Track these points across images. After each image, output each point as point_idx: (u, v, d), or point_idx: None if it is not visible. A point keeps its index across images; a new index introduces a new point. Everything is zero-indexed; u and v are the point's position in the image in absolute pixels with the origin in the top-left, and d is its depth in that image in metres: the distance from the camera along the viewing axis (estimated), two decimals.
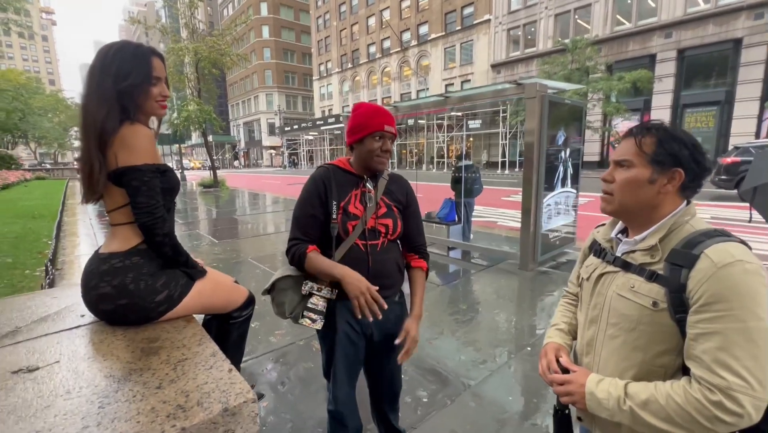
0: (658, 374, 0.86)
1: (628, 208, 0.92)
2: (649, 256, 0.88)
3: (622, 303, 0.90)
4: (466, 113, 27.23)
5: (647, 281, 0.86)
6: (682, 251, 0.81)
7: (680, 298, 0.79)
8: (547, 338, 1.13)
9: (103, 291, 1.09)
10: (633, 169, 0.88)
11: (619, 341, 0.91)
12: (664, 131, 0.87)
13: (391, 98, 36.69)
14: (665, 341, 0.84)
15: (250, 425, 0.82)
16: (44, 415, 0.76)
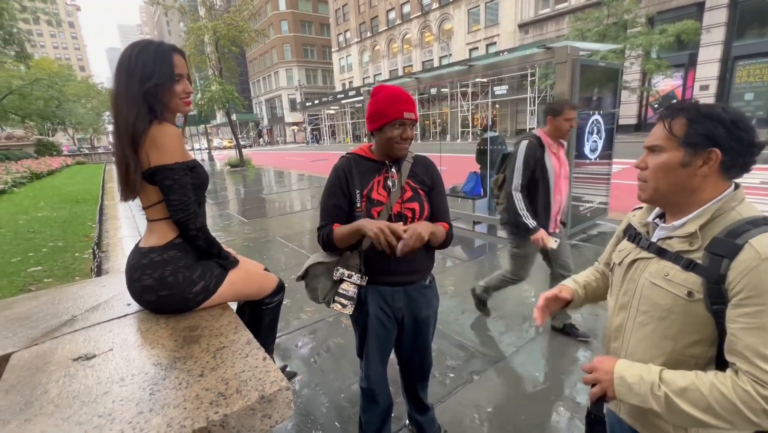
0: (688, 364, 0.84)
1: (663, 195, 0.88)
2: (687, 243, 0.83)
3: (655, 291, 0.88)
4: (491, 79, 26.04)
5: (683, 269, 0.82)
6: (725, 240, 0.76)
7: (718, 289, 0.76)
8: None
9: (146, 283, 1.17)
10: (664, 153, 0.84)
11: (648, 329, 0.90)
12: (695, 111, 0.81)
13: (413, 67, 35.53)
14: (697, 332, 0.82)
15: (285, 410, 0.87)
16: (103, 400, 0.84)
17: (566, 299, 1.15)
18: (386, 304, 1.53)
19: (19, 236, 5.18)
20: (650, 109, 20.91)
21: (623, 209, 6.16)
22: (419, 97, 31.86)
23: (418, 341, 1.68)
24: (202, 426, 0.76)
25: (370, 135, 1.52)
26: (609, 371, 0.86)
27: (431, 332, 1.71)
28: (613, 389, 0.84)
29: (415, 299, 1.56)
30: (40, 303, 1.40)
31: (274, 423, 0.86)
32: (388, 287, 1.51)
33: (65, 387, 0.89)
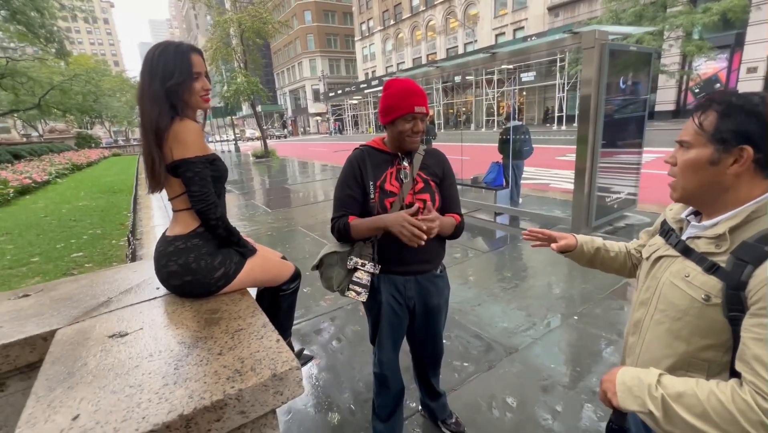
0: (700, 367, 0.82)
1: (693, 194, 0.84)
2: (714, 245, 0.80)
3: (673, 291, 0.86)
4: (518, 66, 25.21)
5: (705, 272, 0.79)
6: (754, 246, 0.72)
7: (738, 296, 0.72)
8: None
9: (171, 269, 1.26)
10: (692, 150, 0.80)
11: (663, 328, 0.88)
12: (727, 104, 0.75)
13: (436, 54, 34.87)
14: (711, 336, 0.79)
15: (295, 388, 0.94)
16: (134, 373, 0.93)
17: (566, 246, 1.21)
18: (398, 292, 1.57)
19: (62, 224, 5.55)
20: (690, 94, 19.69)
21: (654, 201, 5.92)
22: (443, 86, 31.33)
23: (429, 329, 1.72)
24: (220, 399, 0.83)
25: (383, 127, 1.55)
26: (612, 380, 0.84)
27: (443, 321, 1.75)
28: (616, 396, 0.82)
29: (426, 287, 1.60)
30: (80, 285, 1.53)
31: (285, 399, 0.93)
32: (400, 276, 1.56)
33: (102, 360, 0.99)
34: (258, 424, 0.95)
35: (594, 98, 4.27)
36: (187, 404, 0.81)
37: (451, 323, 2.97)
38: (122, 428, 0.76)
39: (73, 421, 0.79)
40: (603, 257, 1.20)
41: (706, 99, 0.80)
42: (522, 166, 6.18)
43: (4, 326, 1.22)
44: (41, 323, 1.22)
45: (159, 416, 0.79)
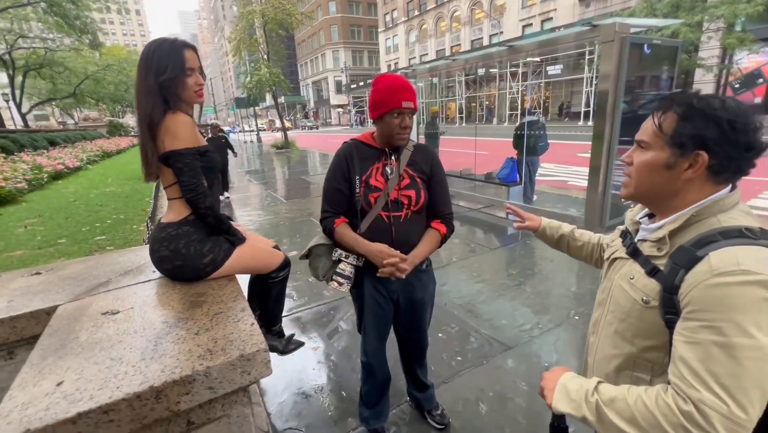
0: (644, 367, 0.84)
1: (644, 195, 0.84)
2: (656, 249, 0.80)
3: (621, 293, 0.87)
4: (544, 58, 24.46)
5: (647, 275, 0.80)
6: (689, 250, 0.72)
7: (671, 300, 0.73)
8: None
9: (163, 254, 1.34)
10: (649, 151, 0.78)
11: (612, 329, 0.91)
12: (688, 106, 0.73)
13: (460, 46, 34.24)
14: (652, 338, 0.81)
15: (263, 369, 1.00)
16: (118, 347, 1.02)
17: (529, 227, 1.31)
18: (382, 285, 1.61)
19: (89, 209, 5.86)
20: (729, 89, 18.63)
21: None
22: (466, 78, 30.80)
23: (413, 323, 1.75)
24: (188, 374, 0.90)
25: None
26: (555, 379, 0.85)
27: (427, 315, 1.77)
28: (552, 396, 0.82)
29: (410, 282, 1.62)
30: (87, 266, 1.65)
31: (253, 379, 0.99)
32: None
33: (92, 335, 1.08)
34: (229, 400, 1.02)
35: (612, 94, 4.14)
36: (158, 378, 0.89)
37: (449, 317, 3.00)
38: (98, 395, 0.84)
39: (57, 386, 0.87)
40: (569, 243, 1.23)
41: (667, 99, 0.77)
42: (537, 163, 6.05)
43: (15, 300, 1.34)
44: (46, 299, 1.34)
45: (132, 386, 0.86)
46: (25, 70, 21.22)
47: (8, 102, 22.36)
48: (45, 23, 17.99)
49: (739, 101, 0.72)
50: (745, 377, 0.62)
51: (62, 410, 0.80)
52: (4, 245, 4.24)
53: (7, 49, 19.11)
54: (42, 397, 0.84)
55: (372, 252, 1.46)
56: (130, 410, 0.85)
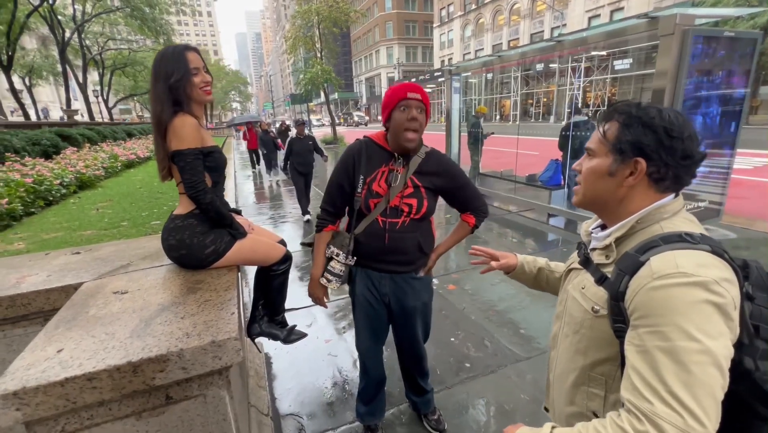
0: (599, 382, 0.81)
1: (592, 202, 0.84)
2: (604, 256, 0.81)
3: (573, 304, 0.86)
4: (611, 51, 22.64)
5: (596, 283, 0.80)
6: (631, 255, 0.72)
7: (618, 307, 0.71)
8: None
9: (171, 243, 1.47)
10: (595, 159, 0.80)
11: (567, 342, 0.88)
12: (627, 115, 0.75)
13: (519, 40, 32.76)
14: (604, 349, 0.78)
15: (233, 355, 1.07)
16: (115, 324, 1.15)
17: (506, 265, 1.24)
18: (373, 287, 1.62)
19: (150, 196, 6.49)
20: None
21: (747, 213, 5.06)
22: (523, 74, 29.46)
23: (406, 330, 1.73)
24: (163, 354, 1.00)
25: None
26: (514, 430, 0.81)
27: (420, 324, 1.73)
28: None
29: (401, 287, 1.61)
30: (118, 249, 1.86)
31: (224, 364, 1.07)
32: (375, 272, 1.60)
33: (99, 311, 1.23)
34: (205, 381, 1.11)
35: (669, 92, 3.76)
36: (137, 354, 0.99)
37: (465, 322, 2.94)
38: (85, 363, 0.96)
39: (57, 353, 1.01)
40: (547, 277, 1.17)
41: (611, 109, 0.79)
42: None
43: (52, 275, 1.56)
44: (76, 276, 1.53)
45: (114, 359, 0.98)
46: (112, 69, 23.88)
47: (98, 97, 25.33)
48: (130, 26, 20.09)
49: (677, 112, 0.73)
50: (695, 384, 0.58)
51: (54, 373, 0.93)
52: (79, 224, 4.84)
53: (98, 51, 21.61)
54: (42, 361, 0.98)
55: (312, 280, 1.67)
56: (110, 380, 0.96)
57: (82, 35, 19.53)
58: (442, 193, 1.59)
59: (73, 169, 7.02)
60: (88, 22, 19.19)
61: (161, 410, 1.08)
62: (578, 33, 5.04)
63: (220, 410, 1.15)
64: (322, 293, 1.66)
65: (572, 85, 25.95)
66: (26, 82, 22.71)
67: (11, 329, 1.47)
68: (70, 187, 6.45)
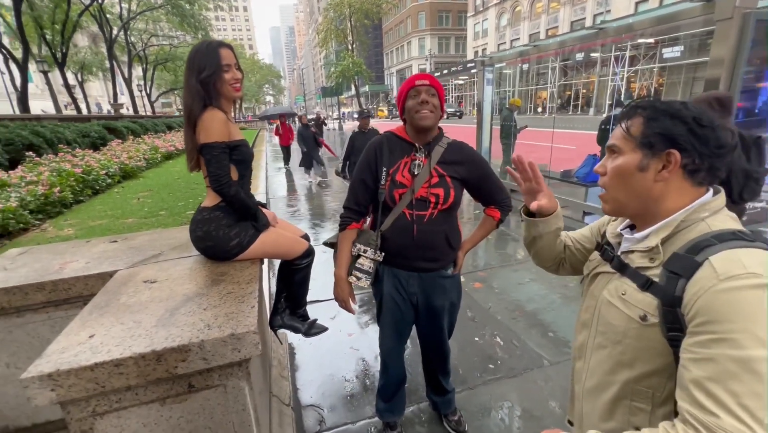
0: (645, 396, 0.75)
1: (623, 205, 0.78)
2: (647, 259, 0.74)
3: (611, 311, 0.79)
4: (660, 39, 21.18)
5: (640, 289, 0.73)
6: (684, 256, 0.66)
7: (674, 313, 0.66)
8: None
9: (198, 235, 1.52)
10: (621, 156, 0.75)
11: (605, 353, 0.81)
12: (652, 108, 0.72)
13: (558, 29, 31.32)
14: (654, 361, 0.72)
15: (252, 348, 1.09)
16: (143, 312, 1.19)
17: (549, 207, 0.98)
18: (401, 285, 1.60)
19: (187, 186, 6.77)
20: None
21: None
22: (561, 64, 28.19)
23: (433, 329, 1.71)
24: (185, 344, 1.02)
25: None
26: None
27: (447, 323, 1.71)
28: None
29: (430, 286, 1.59)
30: (151, 239, 1.94)
31: (243, 356, 1.09)
32: (403, 270, 1.58)
33: (129, 298, 1.29)
34: (225, 372, 1.13)
35: (725, 82, 3.46)
36: (161, 343, 1.02)
37: (491, 321, 2.87)
38: (113, 350, 1.01)
39: (89, 338, 1.06)
40: (552, 241, 1.04)
41: (632, 106, 0.75)
42: None
43: (91, 262, 1.65)
44: (112, 264, 1.61)
45: (140, 347, 1.01)
46: (155, 64, 25.07)
47: (141, 91, 26.70)
48: (171, 22, 20.96)
49: (697, 106, 0.70)
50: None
51: (85, 358, 0.98)
52: (121, 212, 5.14)
53: (142, 47, 22.71)
54: (75, 345, 1.03)
55: (336, 280, 1.61)
56: (136, 367, 1.00)
57: (128, 32, 20.59)
58: (466, 184, 1.55)
59: (118, 160, 7.44)
60: (133, 20, 20.20)
61: (184, 398, 1.12)
62: (624, 19, 4.72)
63: (239, 401, 1.17)
64: (348, 294, 1.62)
65: (615, 75, 24.57)
66: (78, 77, 24.28)
67: (54, 311, 1.57)
68: (114, 177, 6.84)
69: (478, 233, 1.66)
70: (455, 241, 1.59)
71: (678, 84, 23.55)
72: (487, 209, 1.63)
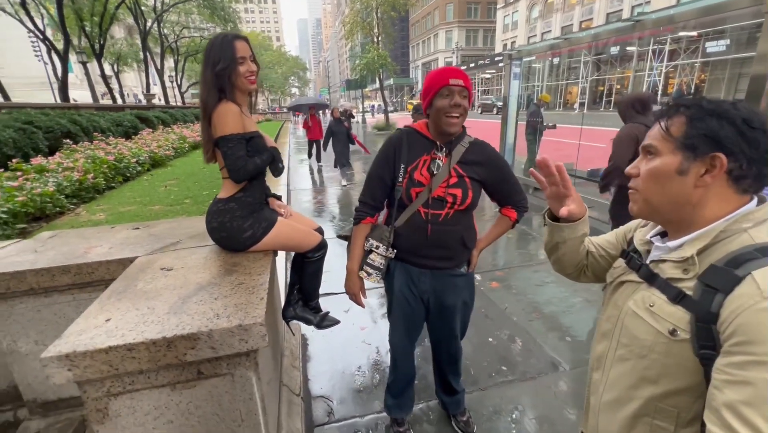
0: (669, 415, 0.70)
1: (656, 209, 0.72)
2: (680, 270, 0.69)
3: (637, 323, 0.74)
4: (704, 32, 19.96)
5: (671, 301, 0.68)
6: (723, 270, 0.61)
7: (708, 330, 0.61)
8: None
9: (213, 225, 1.54)
10: (658, 157, 0.70)
11: (628, 366, 0.77)
12: (697, 107, 0.66)
13: (592, 21, 30.06)
14: (681, 378, 0.67)
15: (258, 340, 1.10)
16: (157, 299, 1.22)
17: (579, 212, 0.91)
18: (412, 283, 1.58)
19: (212, 176, 6.96)
20: None
21: None
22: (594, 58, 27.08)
23: (444, 329, 1.69)
24: (194, 332, 1.05)
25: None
26: None
27: (459, 322, 1.68)
28: None
29: (441, 284, 1.57)
30: (170, 227, 1.99)
31: (250, 347, 1.10)
32: (415, 268, 1.56)
33: (146, 285, 1.33)
34: (233, 361, 1.16)
35: None
36: (172, 331, 1.05)
37: (506, 323, 2.82)
38: (126, 334, 1.04)
39: (105, 322, 1.10)
40: (576, 247, 0.97)
41: (673, 104, 0.70)
42: None
43: (113, 248, 1.71)
44: (133, 250, 1.67)
45: (151, 333, 1.04)
46: (186, 56, 25.74)
47: (173, 82, 27.53)
48: (202, 15, 21.46)
49: (751, 106, 0.65)
50: None
51: (101, 341, 1.02)
52: (149, 199, 5.35)
53: (174, 39, 23.37)
54: (92, 328, 1.07)
55: (348, 274, 1.62)
56: (147, 352, 1.03)
57: (161, 24, 21.21)
58: (485, 185, 1.51)
59: (148, 148, 7.71)
60: (166, 12, 20.79)
61: (193, 384, 1.15)
62: (664, 11, 4.45)
63: (246, 390, 1.19)
64: (359, 288, 1.62)
65: (651, 70, 23.40)
66: (114, 68, 25.28)
67: (79, 293, 1.64)
68: (144, 166, 7.10)
69: (493, 232, 1.63)
70: (470, 240, 1.55)
71: (722, 80, 22.19)
72: (503, 209, 1.59)
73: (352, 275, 1.60)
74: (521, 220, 1.60)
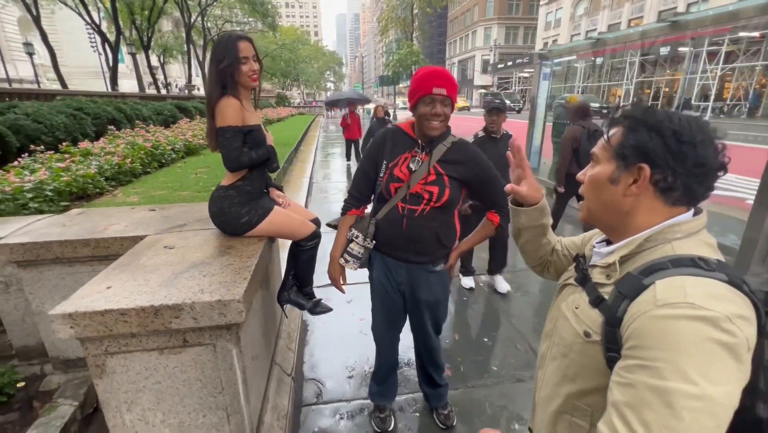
0: (583, 412, 0.74)
1: (595, 215, 0.76)
2: (605, 275, 0.73)
3: (565, 324, 0.79)
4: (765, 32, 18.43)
5: (591, 305, 0.72)
6: (635, 277, 0.65)
7: (614, 334, 0.65)
8: None
9: (213, 210, 1.68)
10: (598, 165, 0.74)
11: (555, 364, 0.81)
12: (633, 119, 0.68)
13: (642, 19, 28.44)
14: (594, 378, 0.71)
15: (235, 315, 1.21)
16: (154, 272, 1.36)
17: (528, 195, 0.92)
18: (390, 273, 1.65)
19: None
20: None
21: None
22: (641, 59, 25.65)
23: (419, 323, 1.74)
24: (178, 303, 1.17)
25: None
26: None
27: (430, 318, 1.72)
28: None
29: (416, 278, 1.62)
30: (182, 210, 2.16)
31: (229, 321, 1.21)
32: (392, 260, 1.63)
33: (148, 260, 1.47)
34: (215, 333, 1.27)
35: None
36: (159, 300, 1.18)
37: (503, 324, 2.82)
38: (121, 300, 1.18)
39: (107, 289, 1.25)
40: (537, 237, 1.00)
41: (619, 114, 0.72)
42: None
43: (128, 226, 1.89)
44: (145, 229, 1.83)
45: (141, 301, 1.17)
46: None
47: None
48: (242, 10, 22.24)
49: (694, 116, 0.65)
50: (680, 429, 0.51)
51: (99, 305, 1.16)
52: (180, 185, 5.67)
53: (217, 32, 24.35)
54: (94, 294, 1.22)
55: (331, 260, 1.71)
56: (137, 318, 1.16)
57: (205, 18, 22.16)
58: (467, 185, 1.54)
59: (183, 137, 8.15)
60: (210, 6, 21.69)
61: (179, 350, 1.27)
62: (723, 8, 4.12)
63: (227, 360, 1.31)
64: (339, 274, 1.71)
65: (704, 73, 21.89)
66: (161, 59, 26.69)
67: (98, 264, 1.83)
68: (179, 153, 7.51)
69: (476, 236, 1.66)
70: (446, 238, 1.59)
71: None
72: (488, 213, 1.62)
73: (333, 262, 1.70)
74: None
